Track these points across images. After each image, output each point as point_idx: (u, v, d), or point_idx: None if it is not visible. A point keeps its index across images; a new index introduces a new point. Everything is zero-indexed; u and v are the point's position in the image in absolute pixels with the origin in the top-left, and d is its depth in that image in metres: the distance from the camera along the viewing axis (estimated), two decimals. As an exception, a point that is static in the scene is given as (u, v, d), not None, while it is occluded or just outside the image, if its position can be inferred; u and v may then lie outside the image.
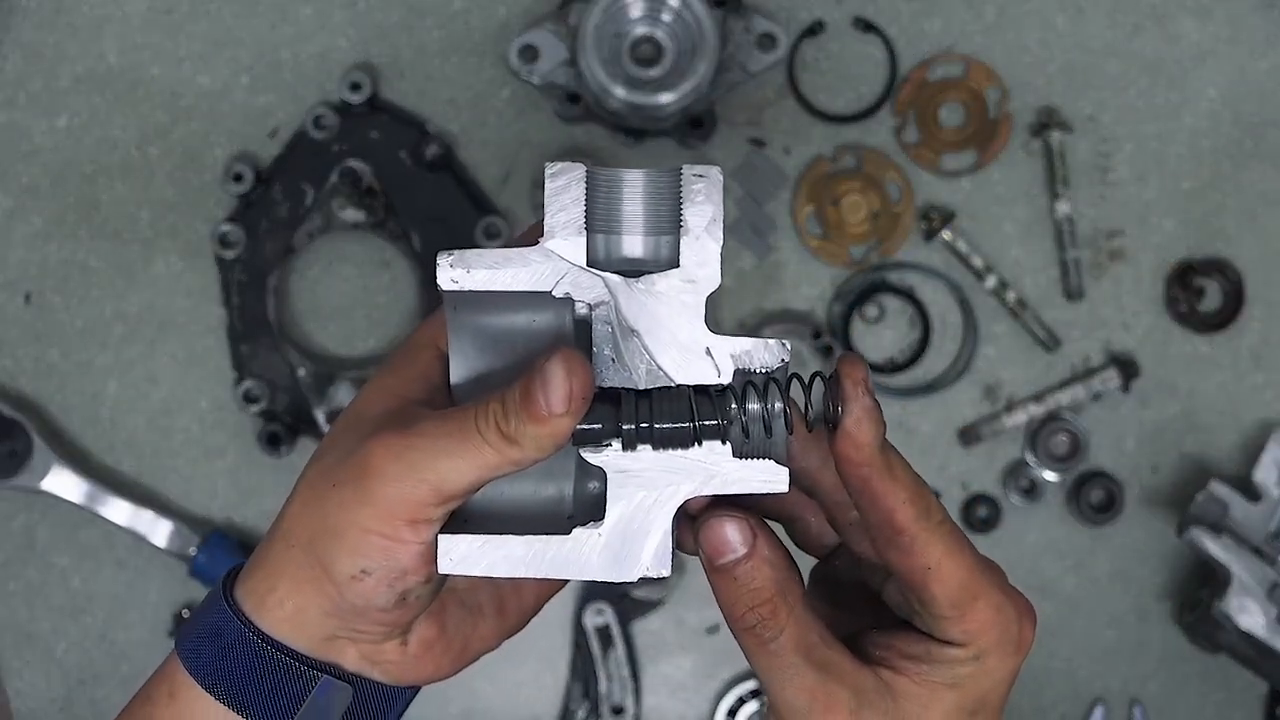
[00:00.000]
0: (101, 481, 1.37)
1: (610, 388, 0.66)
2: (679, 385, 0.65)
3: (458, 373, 0.69)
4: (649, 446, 0.65)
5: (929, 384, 1.42)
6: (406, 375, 0.71)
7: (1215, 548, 1.30)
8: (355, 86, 1.39)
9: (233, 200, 1.40)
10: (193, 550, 1.36)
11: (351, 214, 1.38)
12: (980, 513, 1.41)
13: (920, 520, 0.66)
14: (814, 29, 1.43)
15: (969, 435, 1.41)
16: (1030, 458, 1.41)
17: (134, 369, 1.41)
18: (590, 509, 0.67)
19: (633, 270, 0.66)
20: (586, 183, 0.66)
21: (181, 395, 1.41)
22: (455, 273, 0.65)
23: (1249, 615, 1.29)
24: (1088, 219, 1.42)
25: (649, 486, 0.66)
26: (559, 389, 0.63)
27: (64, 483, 1.36)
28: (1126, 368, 1.40)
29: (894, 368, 1.42)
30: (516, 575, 0.66)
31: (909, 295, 1.42)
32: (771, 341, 0.66)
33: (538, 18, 1.38)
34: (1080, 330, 1.42)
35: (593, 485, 0.68)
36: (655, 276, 0.66)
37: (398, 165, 1.39)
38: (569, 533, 0.66)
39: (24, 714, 1.40)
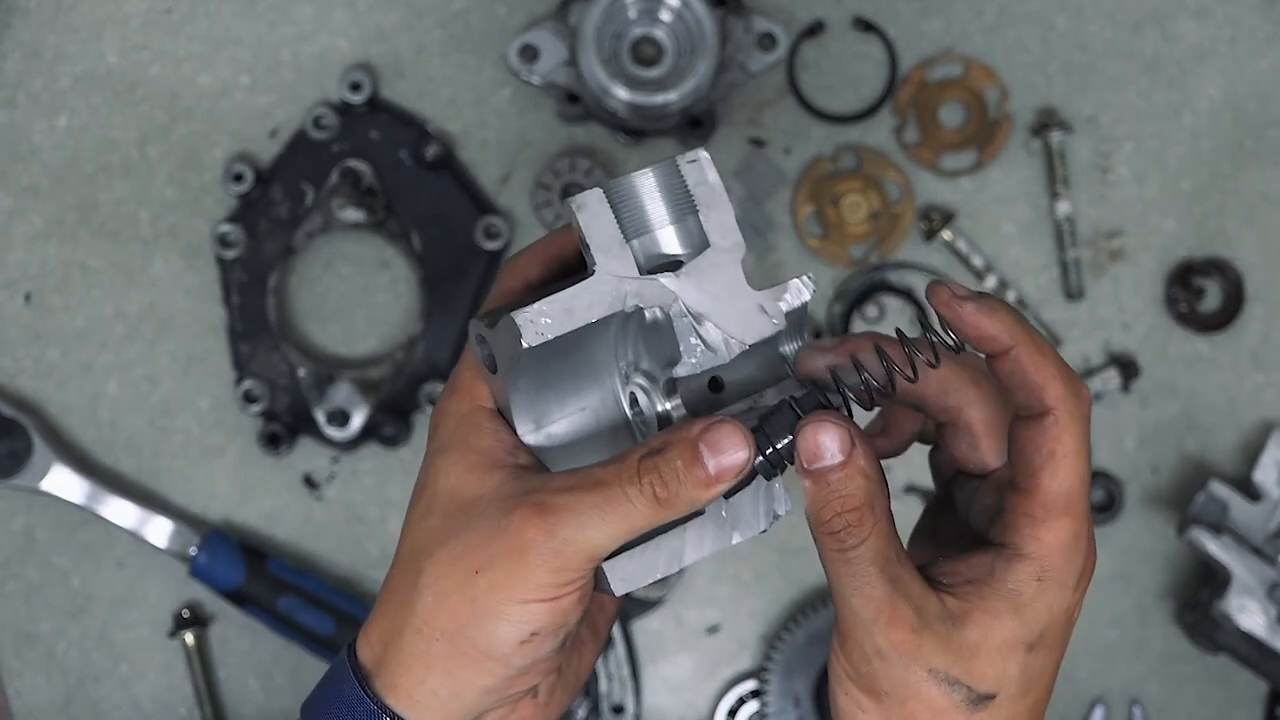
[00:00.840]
0: (101, 481, 1.37)
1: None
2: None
3: (525, 427, 0.73)
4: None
5: (929, 384, 1.42)
6: (483, 446, 0.72)
7: (1215, 548, 1.30)
8: (355, 86, 1.39)
9: (233, 200, 1.40)
10: (193, 550, 1.36)
11: (351, 214, 1.38)
12: (980, 513, 1.41)
13: (1069, 402, 0.67)
14: (814, 29, 1.43)
15: (969, 435, 1.41)
16: (1030, 458, 1.41)
17: (134, 369, 1.41)
18: None
19: (673, 264, 0.71)
20: (609, 200, 0.70)
21: (181, 395, 1.41)
22: (539, 326, 0.68)
23: (1249, 615, 1.29)
24: (1088, 219, 1.42)
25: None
26: (733, 456, 0.66)
27: (64, 483, 1.36)
28: (1126, 368, 1.40)
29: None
30: (684, 566, 0.71)
31: (909, 295, 1.42)
32: (795, 281, 0.72)
33: (538, 18, 1.38)
34: (1080, 330, 1.42)
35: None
36: (696, 263, 0.71)
37: (398, 165, 1.39)
38: (708, 513, 0.71)
39: (24, 714, 1.40)
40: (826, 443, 0.67)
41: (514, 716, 0.73)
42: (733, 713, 1.40)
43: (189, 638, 1.38)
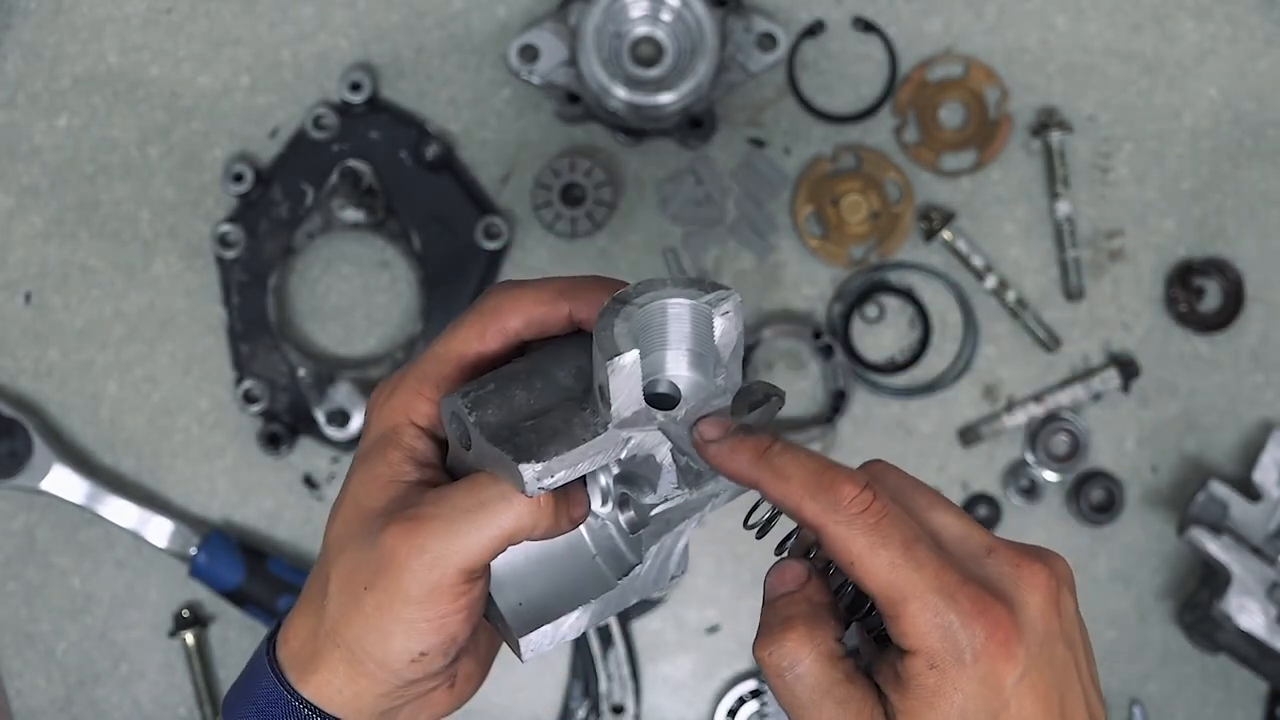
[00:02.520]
0: (101, 481, 1.37)
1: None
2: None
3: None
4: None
5: (929, 384, 1.42)
6: (393, 459, 0.74)
7: (1215, 548, 1.30)
8: (355, 86, 1.39)
9: (233, 200, 1.40)
10: (193, 550, 1.36)
11: (351, 214, 1.38)
12: (980, 513, 1.41)
13: (829, 513, 0.67)
14: (814, 29, 1.43)
15: (969, 435, 1.41)
16: (1030, 458, 1.41)
17: (134, 369, 1.41)
18: (611, 543, 0.77)
19: (668, 394, 0.72)
20: (633, 322, 0.69)
21: (181, 395, 1.41)
22: (544, 481, 0.69)
23: (1249, 615, 1.29)
24: (1088, 219, 1.42)
25: (673, 523, 0.75)
26: (580, 506, 0.74)
27: (64, 483, 1.36)
28: (1126, 368, 1.40)
29: (894, 368, 1.42)
30: (583, 630, 0.76)
31: (909, 295, 1.42)
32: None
33: (538, 18, 1.38)
34: (1080, 330, 1.42)
35: (599, 524, 0.77)
36: (695, 407, 0.71)
37: (398, 165, 1.39)
38: (615, 586, 0.75)
39: (24, 714, 1.40)
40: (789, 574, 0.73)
41: (430, 706, 0.76)
42: (733, 713, 1.40)
43: (189, 638, 1.38)
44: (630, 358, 0.67)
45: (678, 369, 0.72)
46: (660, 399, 0.71)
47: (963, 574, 0.66)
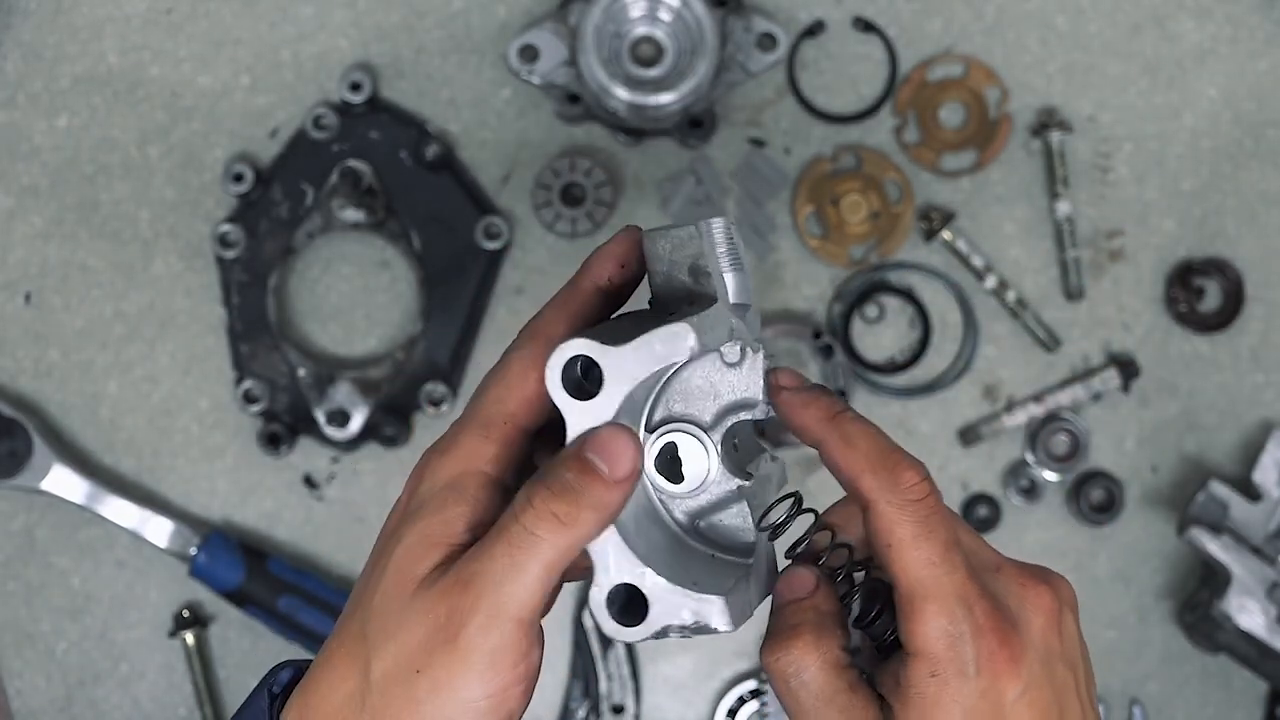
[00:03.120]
0: (101, 481, 1.37)
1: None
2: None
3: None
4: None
5: (929, 384, 1.42)
6: (450, 516, 0.67)
7: (1215, 548, 1.30)
8: (355, 86, 1.39)
9: (233, 200, 1.40)
10: (193, 550, 1.36)
11: (351, 214, 1.38)
12: (980, 513, 1.41)
13: (886, 492, 0.67)
14: (814, 29, 1.43)
15: (969, 435, 1.41)
16: (1030, 458, 1.41)
17: (134, 369, 1.41)
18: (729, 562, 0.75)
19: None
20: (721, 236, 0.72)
21: (181, 395, 1.41)
22: (698, 337, 0.67)
23: (1249, 615, 1.29)
24: (1088, 219, 1.42)
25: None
26: (623, 454, 0.65)
27: (64, 483, 1.36)
28: (1126, 368, 1.40)
29: (894, 368, 1.42)
30: (706, 625, 0.73)
31: (909, 295, 1.42)
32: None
33: (538, 18, 1.38)
34: (1080, 330, 1.42)
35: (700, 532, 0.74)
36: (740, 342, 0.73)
37: (398, 165, 1.39)
38: (746, 564, 0.74)
39: (24, 714, 1.40)
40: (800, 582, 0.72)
41: None
42: (733, 713, 1.40)
43: (189, 638, 1.38)
44: (720, 221, 0.71)
45: (730, 269, 0.73)
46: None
47: (981, 587, 0.67)
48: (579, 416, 0.66)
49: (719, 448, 0.71)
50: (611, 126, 1.40)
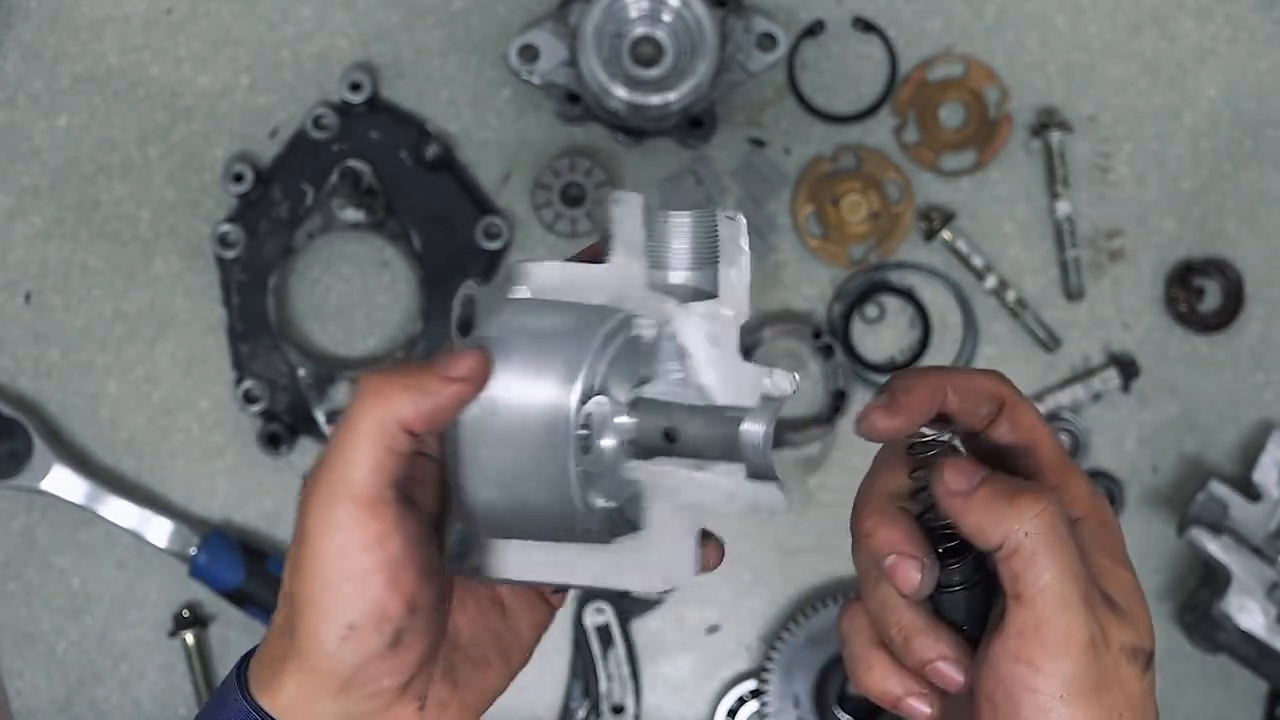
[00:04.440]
0: (101, 481, 1.37)
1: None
2: (712, 403, 0.70)
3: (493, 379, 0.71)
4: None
5: (929, 384, 1.42)
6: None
7: (1215, 548, 1.30)
8: (355, 86, 1.39)
9: (233, 200, 1.40)
10: (193, 550, 1.36)
11: (351, 214, 1.38)
12: (980, 513, 1.41)
13: (1016, 394, 0.74)
14: (814, 29, 1.43)
15: (969, 435, 1.41)
16: (1030, 458, 1.41)
17: (134, 369, 1.41)
18: (610, 524, 0.70)
19: (678, 293, 0.71)
20: (644, 215, 0.71)
21: (181, 395, 1.41)
22: (539, 280, 0.69)
23: (1249, 615, 1.29)
24: (1088, 219, 1.42)
25: (681, 501, 0.69)
26: (465, 360, 0.66)
27: (64, 483, 1.36)
28: (1126, 368, 1.40)
29: (894, 368, 1.42)
30: (557, 581, 0.69)
31: (909, 295, 1.42)
32: (780, 371, 0.70)
33: (538, 18, 1.38)
34: (1080, 330, 1.42)
35: (600, 503, 0.70)
36: (698, 304, 0.70)
37: (398, 165, 1.39)
38: (608, 541, 0.69)
39: (24, 714, 1.40)
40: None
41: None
42: (733, 713, 1.40)
43: (189, 638, 1.38)
44: (636, 197, 0.70)
45: (680, 268, 0.71)
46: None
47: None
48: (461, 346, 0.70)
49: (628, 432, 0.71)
50: (611, 126, 1.40)
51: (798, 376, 0.70)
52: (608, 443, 0.70)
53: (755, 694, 1.38)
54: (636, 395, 0.70)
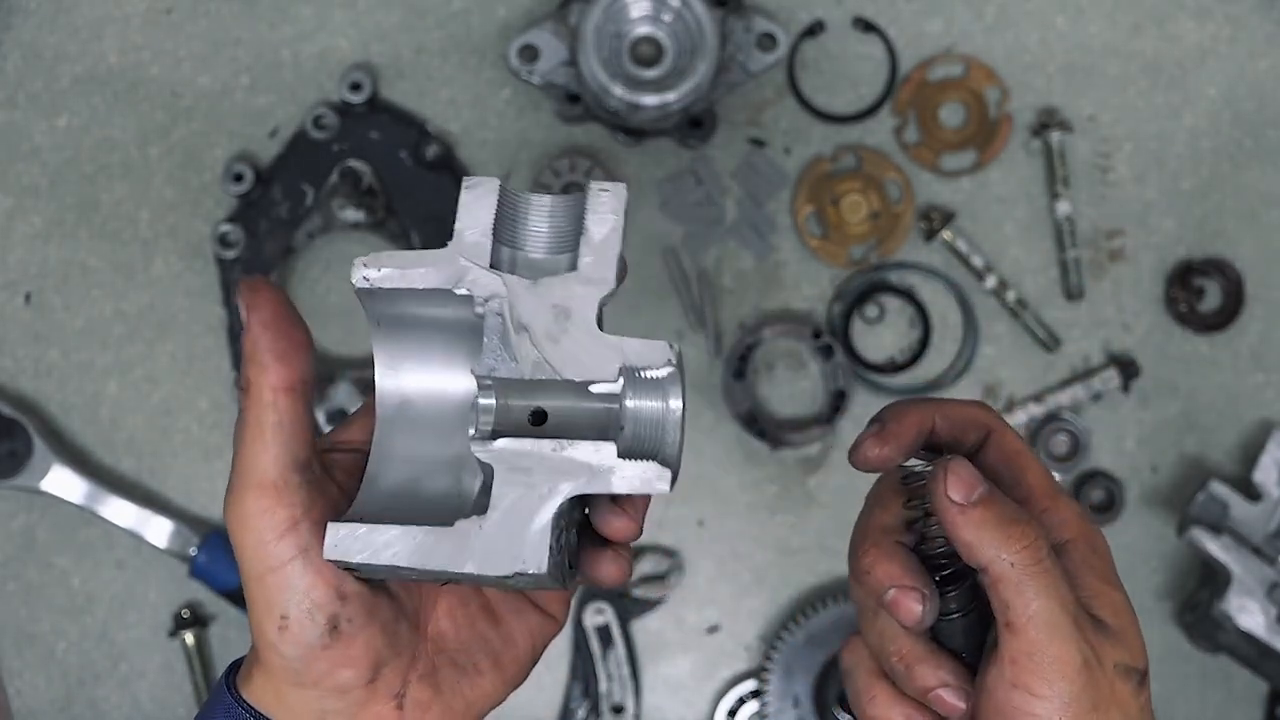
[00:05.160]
0: (101, 481, 1.37)
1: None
2: (565, 379, 0.67)
3: (382, 374, 0.72)
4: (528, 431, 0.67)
5: (929, 384, 1.42)
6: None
7: (1215, 548, 1.30)
8: (355, 86, 1.39)
9: (233, 200, 1.40)
10: (193, 550, 1.36)
11: (351, 214, 1.38)
12: (980, 513, 1.41)
13: (1001, 422, 0.76)
14: (814, 29, 1.43)
15: (969, 435, 1.41)
16: (1030, 458, 1.41)
17: (134, 369, 1.41)
18: (482, 511, 0.68)
19: (533, 275, 0.69)
20: (499, 198, 0.70)
21: (181, 395, 1.41)
22: (367, 271, 0.69)
23: (1249, 615, 1.29)
24: (1088, 219, 1.42)
25: (534, 482, 0.66)
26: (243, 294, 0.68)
27: (64, 483, 1.36)
28: (1126, 368, 1.40)
29: (894, 368, 1.42)
30: (397, 565, 0.66)
31: (909, 295, 1.42)
32: (659, 342, 0.67)
33: (538, 18, 1.38)
34: (1080, 330, 1.42)
35: (488, 484, 0.69)
36: (553, 279, 0.68)
37: (398, 165, 1.39)
38: (450, 524, 0.66)
39: (24, 714, 1.40)
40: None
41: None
42: (733, 713, 1.40)
43: (189, 638, 1.38)
44: (490, 182, 0.69)
45: (537, 250, 0.70)
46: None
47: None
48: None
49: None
50: (611, 126, 1.40)
51: (673, 345, 0.67)
52: (470, 429, 0.69)
53: (755, 694, 1.38)
54: (491, 375, 0.68)
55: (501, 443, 0.67)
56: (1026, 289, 1.42)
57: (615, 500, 0.69)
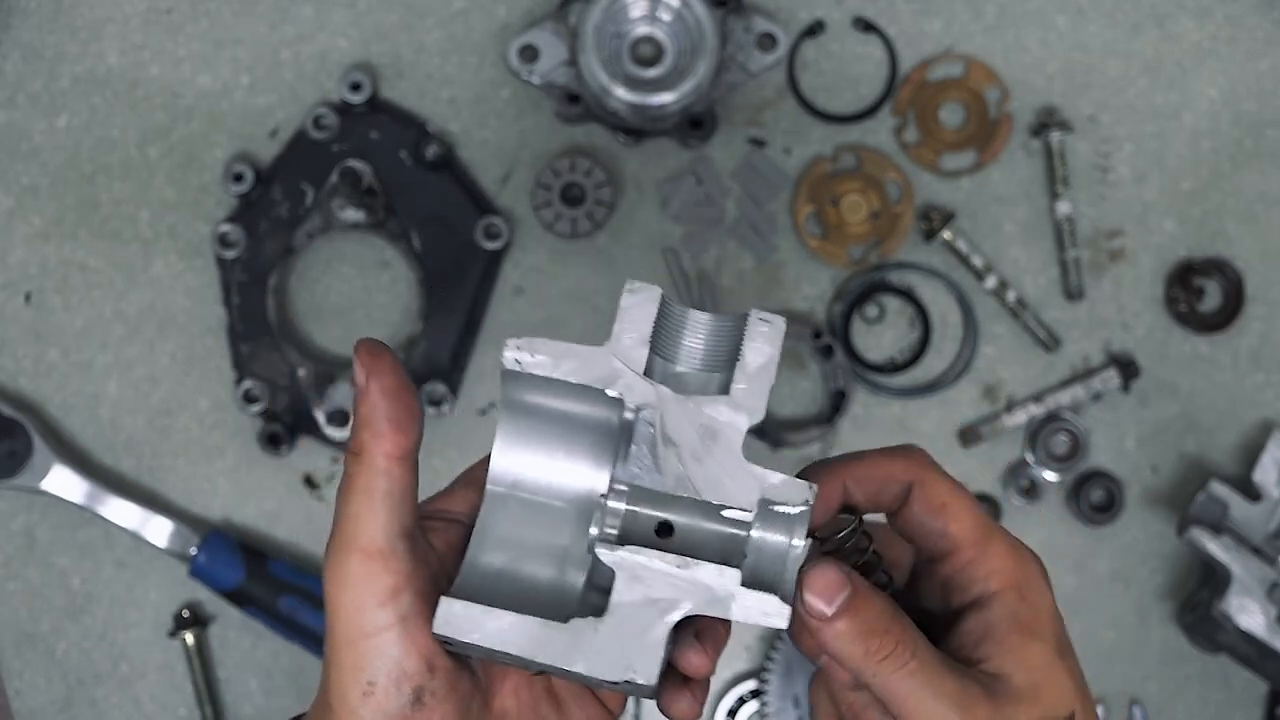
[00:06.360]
0: (101, 481, 1.37)
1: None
2: (705, 500, 0.68)
3: (500, 453, 0.72)
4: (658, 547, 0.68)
5: (929, 384, 1.42)
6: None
7: (1215, 548, 1.30)
8: (355, 86, 1.39)
9: (233, 200, 1.40)
10: (193, 550, 1.36)
11: (351, 214, 1.38)
12: (980, 513, 1.41)
13: (927, 470, 0.74)
14: (814, 29, 1.43)
15: (969, 435, 1.41)
16: (1030, 458, 1.41)
17: (134, 369, 1.41)
18: (594, 610, 0.69)
19: (679, 389, 0.70)
20: (659, 307, 0.70)
21: (181, 395, 1.41)
22: (520, 355, 0.69)
23: (1249, 615, 1.29)
24: (1088, 219, 1.42)
25: (654, 595, 0.67)
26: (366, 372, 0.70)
27: (64, 483, 1.36)
28: (1126, 368, 1.40)
29: (894, 368, 1.42)
30: (507, 651, 0.66)
31: (909, 295, 1.42)
32: (801, 481, 0.68)
33: (538, 18, 1.38)
34: (1080, 330, 1.42)
35: (600, 588, 0.70)
36: (702, 399, 0.69)
37: (398, 165, 1.39)
38: (563, 619, 0.67)
39: (24, 714, 1.40)
40: (835, 575, 0.69)
41: None
42: (733, 713, 1.40)
43: (189, 638, 1.38)
44: (653, 291, 0.69)
45: (690, 366, 0.71)
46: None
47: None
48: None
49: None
50: (611, 126, 1.40)
51: (814, 488, 0.68)
52: (593, 528, 0.70)
53: (755, 694, 1.38)
54: (632, 482, 0.69)
55: (626, 550, 0.68)
56: (1026, 289, 1.42)
57: (698, 636, 0.70)
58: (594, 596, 0.69)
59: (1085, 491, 1.40)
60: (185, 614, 1.39)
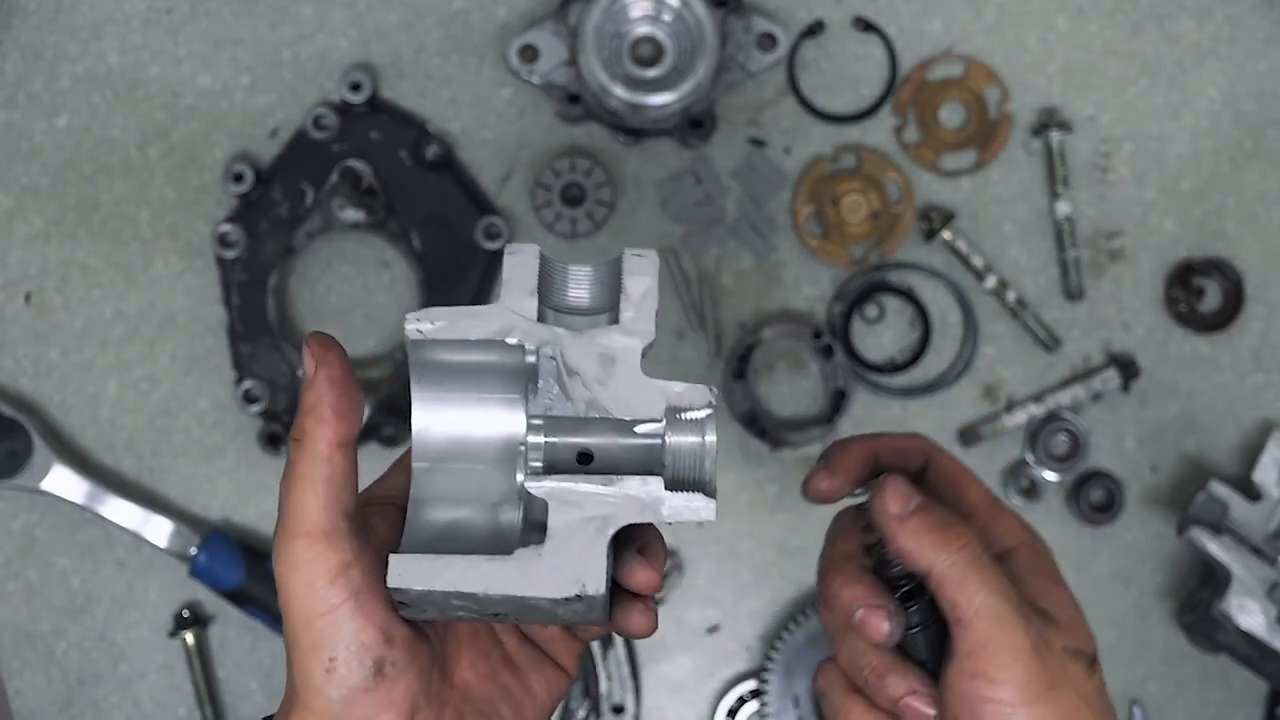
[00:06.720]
0: (101, 481, 1.37)
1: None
2: (617, 418, 0.72)
3: (419, 420, 0.75)
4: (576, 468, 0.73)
5: (929, 384, 1.42)
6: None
7: (1215, 548, 1.30)
8: (355, 86, 1.39)
9: (233, 200, 1.40)
10: (193, 550, 1.36)
11: (351, 214, 1.38)
12: (980, 513, 1.41)
13: (936, 449, 0.85)
14: (814, 29, 1.43)
15: (969, 435, 1.41)
16: (1030, 458, 1.41)
17: (134, 369, 1.41)
18: (536, 539, 0.72)
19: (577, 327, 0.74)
20: (540, 264, 0.74)
21: (181, 395, 1.41)
22: (421, 324, 0.73)
23: (1249, 615, 1.29)
24: (1088, 219, 1.42)
25: (587, 514, 0.70)
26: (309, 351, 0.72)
27: (64, 483, 1.36)
28: (1126, 368, 1.40)
29: (894, 368, 1.42)
30: (460, 590, 0.69)
31: (909, 295, 1.42)
32: (700, 386, 0.72)
33: (538, 18, 1.38)
34: (1080, 330, 1.42)
35: (537, 524, 0.73)
36: (596, 331, 0.73)
37: (398, 165, 1.39)
38: (510, 553, 0.70)
39: (24, 714, 1.40)
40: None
41: None
42: (733, 713, 1.40)
43: (189, 638, 1.38)
44: (531, 249, 0.73)
45: (577, 311, 0.74)
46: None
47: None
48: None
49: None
50: (611, 126, 1.40)
51: (714, 389, 0.72)
52: (520, 471, 0.74)
53: (755, 694, 1.38)
54: (546, 414, 0.73)
55: (553, 479, 0.71)
56: (1026, 289, 1.42)
57: (640, 553, 0.73)
58: (533, 535, 0.71)
59: (1085, 491, 1.40)
60: (185, 614, 1.39)
